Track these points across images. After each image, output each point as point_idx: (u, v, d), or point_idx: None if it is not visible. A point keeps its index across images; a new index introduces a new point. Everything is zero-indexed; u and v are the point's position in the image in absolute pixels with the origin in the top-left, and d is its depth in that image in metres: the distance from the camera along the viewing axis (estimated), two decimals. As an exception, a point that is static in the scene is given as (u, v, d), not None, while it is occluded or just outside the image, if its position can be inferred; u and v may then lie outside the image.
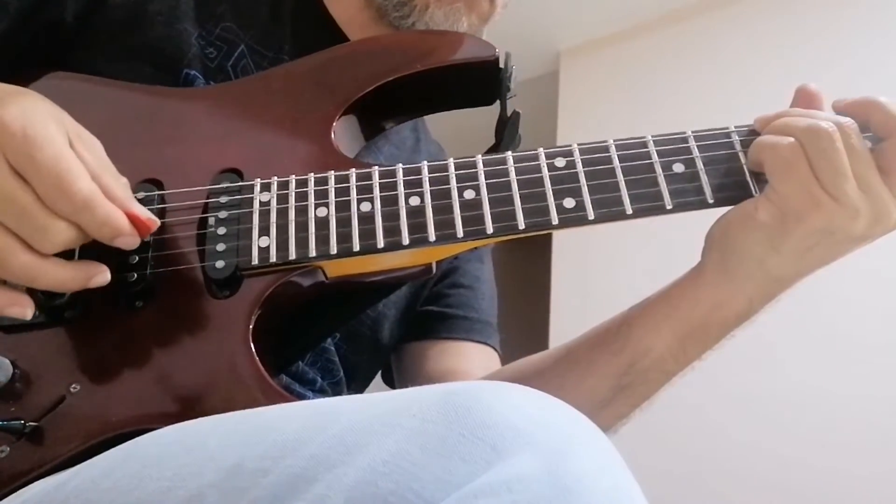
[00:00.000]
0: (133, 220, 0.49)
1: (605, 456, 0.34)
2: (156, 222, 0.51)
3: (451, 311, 0.79)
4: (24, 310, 0.48)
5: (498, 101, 0.65)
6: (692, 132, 0.55)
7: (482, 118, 0.69)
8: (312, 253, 0.53)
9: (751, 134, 0.55)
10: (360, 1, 0.71)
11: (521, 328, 2.23)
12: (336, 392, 0.71)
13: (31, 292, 0.50)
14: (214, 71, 0.67)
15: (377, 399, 0.39)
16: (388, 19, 0.70)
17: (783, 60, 2.27)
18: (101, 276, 0.50)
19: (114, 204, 0.48)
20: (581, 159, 0.54)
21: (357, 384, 0.76)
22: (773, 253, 0.53)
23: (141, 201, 0.55)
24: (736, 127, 0.55)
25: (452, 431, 0.33)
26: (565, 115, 2.64)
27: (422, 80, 0.63)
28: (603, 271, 2.17)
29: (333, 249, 0.53)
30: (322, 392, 0.69)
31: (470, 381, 0.38)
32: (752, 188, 0.53)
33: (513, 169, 0.54)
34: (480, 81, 0.64)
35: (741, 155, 0.54)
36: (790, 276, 0.55)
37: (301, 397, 0.62)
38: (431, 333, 0.78)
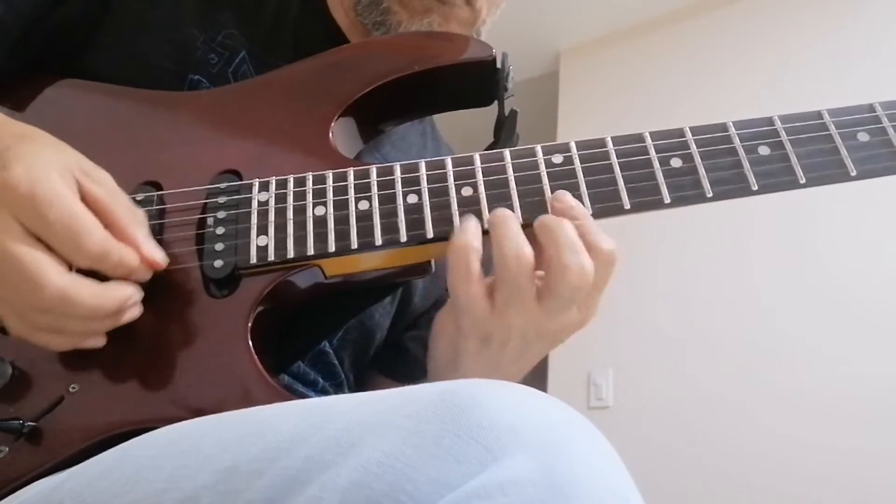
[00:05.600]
0: (143, 257, 0.50)
1: (602, 458, 0.34)
2: (165, 261, 0.52)
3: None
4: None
5: (496, 102, 0.64)
6: (690, 128, 0.55)
7: (481, 119, 0.69)
8: (310, 251, 0.53)
9: (749, 128, 0.54)
10: (352, 12, 0.71)
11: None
12: (338, 392, 0.70)
13: None
14: (216, 77, 0.67)
15: (373, 398, 0.38)
16: (374, 35, 0.70)
17: (781, 61, 2.28)
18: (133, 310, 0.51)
19: (126, 240, 0.50)
20: (578, 155, 0.54)
21: (360, 386, 0.76)
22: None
23: (140, 202, 0.55)
24: (734, 122, 0.55)
25: (447, 432, 0.33)
26: (565, 115, 2.64)
27: (420, 82, 0.63)
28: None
29: (331, 247, 0.53)
30: (324, 392, 0.68)
31: (466, 380, 0.37)
32: (751, 181, 0.52)
33: (510, 166, 0.54)
34: (478, 82, 0.64)
35: (739, 149, 0.53)
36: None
37: (303, 397, 0.62)
38: (394, 373, 0.76)
